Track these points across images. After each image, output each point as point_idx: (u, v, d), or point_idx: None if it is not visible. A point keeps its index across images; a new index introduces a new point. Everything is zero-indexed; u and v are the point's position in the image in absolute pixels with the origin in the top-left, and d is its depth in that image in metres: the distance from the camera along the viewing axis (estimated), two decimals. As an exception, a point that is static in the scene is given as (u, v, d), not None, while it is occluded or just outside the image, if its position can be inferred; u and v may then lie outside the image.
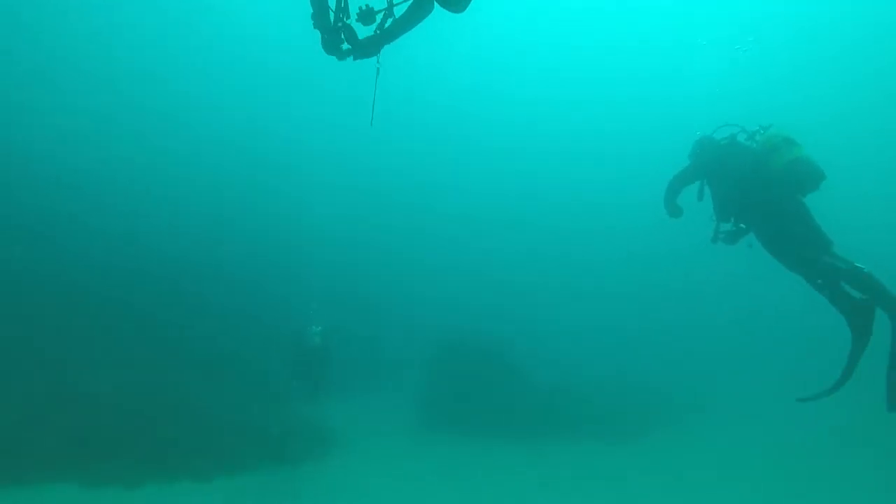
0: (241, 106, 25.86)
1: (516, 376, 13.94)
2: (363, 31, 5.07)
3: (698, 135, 6.47)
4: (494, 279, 19.98)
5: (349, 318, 15.05)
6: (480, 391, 13.00)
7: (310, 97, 27.32)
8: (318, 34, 5.02)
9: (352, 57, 5.10)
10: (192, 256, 14.09)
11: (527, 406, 12.98)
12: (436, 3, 4.95)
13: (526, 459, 10.78)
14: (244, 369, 11.91)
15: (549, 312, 18.82)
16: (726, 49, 26.01)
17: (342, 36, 4.94)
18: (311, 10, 4.96)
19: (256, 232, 17.40)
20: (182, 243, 14.38)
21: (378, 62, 5.19)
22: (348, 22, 4.96)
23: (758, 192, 5.71)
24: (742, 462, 10.77)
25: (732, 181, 5.91)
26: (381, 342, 15.84)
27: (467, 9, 4.74)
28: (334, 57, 5.06)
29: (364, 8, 4.95)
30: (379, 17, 4.98)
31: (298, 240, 17.71)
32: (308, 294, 14.56)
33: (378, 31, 5.02)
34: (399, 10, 5.01)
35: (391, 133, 25.66)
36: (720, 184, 6.09)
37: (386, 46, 5.15)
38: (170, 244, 14.02)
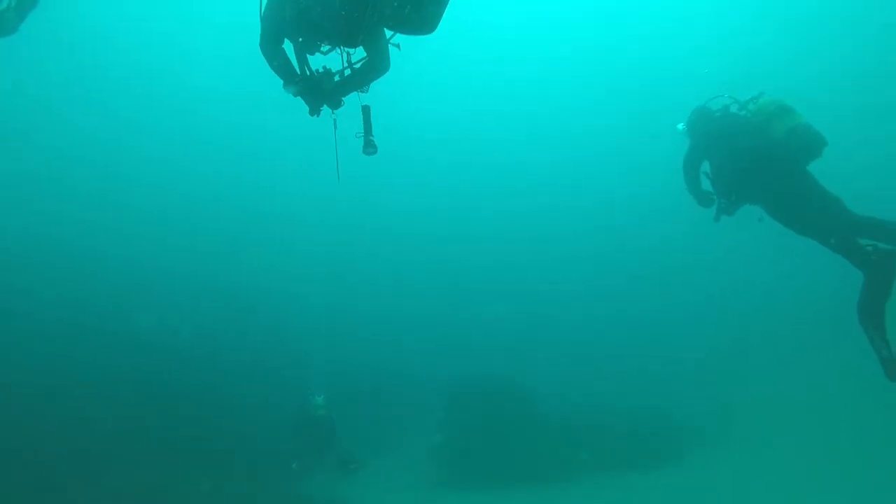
0: (228, 161, 25.76)
1: (533, 415, 13.22)
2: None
3: (694, 106, 6.33)
4: (499, 311, 19.24)
5: (351, 379, 14.34)
6: (497, 436, 12.26)
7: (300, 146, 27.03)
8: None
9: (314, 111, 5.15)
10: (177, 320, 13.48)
11: (548, 445, 12.24)
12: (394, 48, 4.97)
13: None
14: (241, 449, 11.10)
15: (558, 340, 18.15)
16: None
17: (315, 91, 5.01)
18: (281, 79, 5.01)
19: (244, 293, 16.72)
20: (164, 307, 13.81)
21: (334, 115, 5.23)
22: (313, 76, 5.02)
23: (759, 163, 5.50)
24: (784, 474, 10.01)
25: (731, 153, 5.70)
26: (387, 398, 15.04)
27: (436, 29, 4.72)
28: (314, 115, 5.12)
29: (323, 69, 5.07)
30: (336, 77, 5.11)
31: (289, 300, 17.01)
32: (307, 360, 13.91)
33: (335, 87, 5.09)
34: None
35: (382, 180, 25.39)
36: (718, 157, 5.90)
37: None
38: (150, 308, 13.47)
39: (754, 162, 5.51)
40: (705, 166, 6.14)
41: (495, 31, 29.25)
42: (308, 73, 5.03)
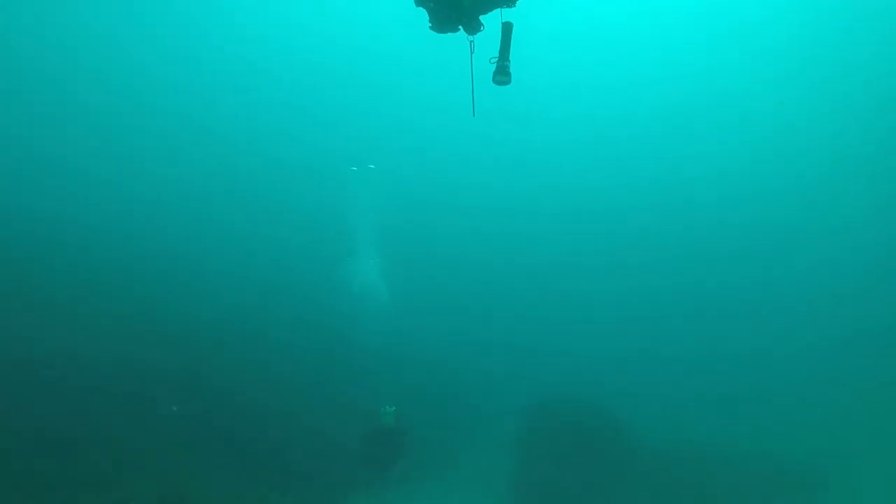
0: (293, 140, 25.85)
1: (624, 445, 11.69)
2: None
3: None
4: (585, 328, 17.65)
5: (424, 391, 13.49)
6: (580, 466, 10.88)
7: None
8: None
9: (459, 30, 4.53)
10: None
11: (644, 483, 10.74)
12: None
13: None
14: (304, 459, 10.54)
15: (659, 361, 16.36)
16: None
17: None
18: None
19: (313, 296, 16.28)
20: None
21: (471, 39, 4.56)
22: None
23: None
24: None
25: None
26: (460, 417, 14.01)
27: None
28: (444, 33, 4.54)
29: None
30: None
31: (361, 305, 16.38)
32: (378, 369, 13.28)
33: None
34: None
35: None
36: None
37: None
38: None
39: None
40: None
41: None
42: None
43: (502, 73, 4.27)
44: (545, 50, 25.80)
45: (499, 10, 4.35)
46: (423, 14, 4.54)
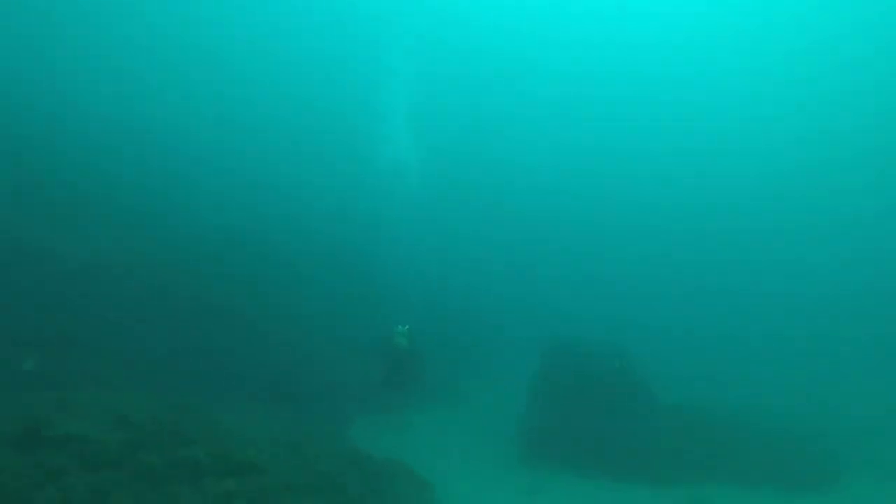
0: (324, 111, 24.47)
1: (645, 398, 10.87)
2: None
3: None
4: (616, 275, 16.45)
5: (441, 318, 12.75)
6: (598, 417, 10.16)
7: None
8: None
9: None
10: (262, 242, 12.33)
11: (661, 438, 10.02)
12: None
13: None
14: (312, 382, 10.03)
15: (686, 317, 15.33)
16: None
17: None
18: None
19: (335, 217, 15.17)
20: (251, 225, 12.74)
21: None
22: None
23: None
24: None
25: None
26: (476, 350, 13.29)
27: None
28: None
29: None
30: None
31: (386, 228, 15.25)
32: (396, 290, 12.51)
33: None
34: None
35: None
36: None
37: None
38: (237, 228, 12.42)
39: None
40: None
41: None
42: None
43: None
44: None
45: None
46: None
